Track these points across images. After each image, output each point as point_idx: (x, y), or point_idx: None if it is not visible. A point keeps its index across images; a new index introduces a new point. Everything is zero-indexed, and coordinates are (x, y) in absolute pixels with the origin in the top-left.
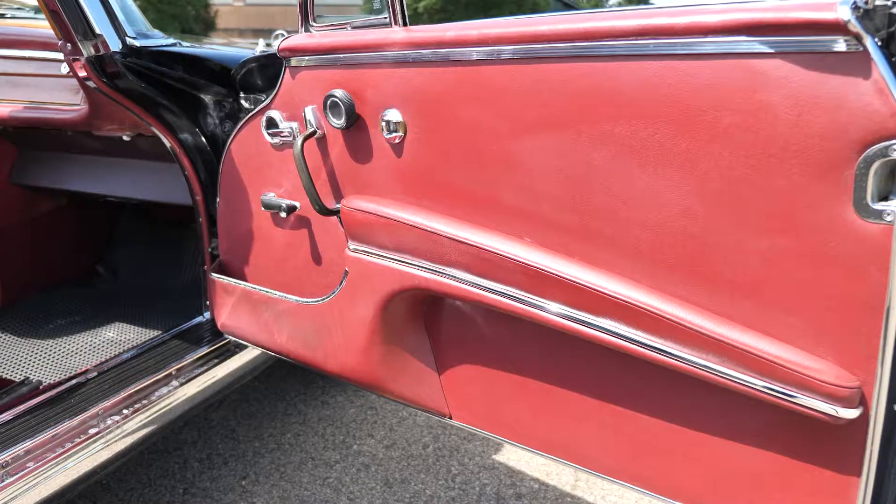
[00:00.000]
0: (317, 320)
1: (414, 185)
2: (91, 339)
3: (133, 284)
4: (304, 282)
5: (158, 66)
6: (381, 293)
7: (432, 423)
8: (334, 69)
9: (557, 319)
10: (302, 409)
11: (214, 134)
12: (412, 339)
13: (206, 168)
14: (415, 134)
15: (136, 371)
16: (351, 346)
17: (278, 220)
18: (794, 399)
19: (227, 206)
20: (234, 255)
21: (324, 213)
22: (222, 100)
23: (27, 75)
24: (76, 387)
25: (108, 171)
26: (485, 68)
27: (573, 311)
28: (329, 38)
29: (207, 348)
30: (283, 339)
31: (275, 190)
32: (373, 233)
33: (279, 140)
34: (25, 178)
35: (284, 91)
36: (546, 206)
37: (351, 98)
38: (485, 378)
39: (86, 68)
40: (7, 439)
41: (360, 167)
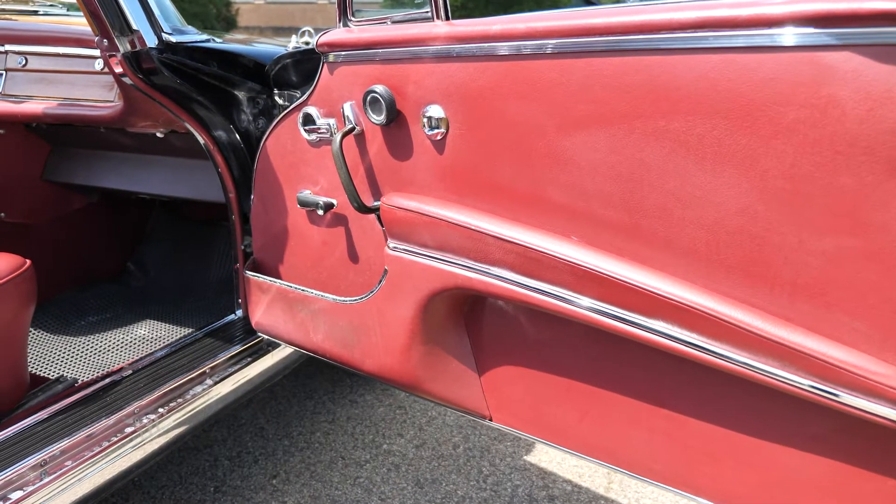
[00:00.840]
0: (355, 319)
1: (456, 183)
2: (123, 336)
3: (163, 281)
4: (340, 280)
5: (194, 62)
6: (422, 292)
7: (462, 423)
8: (374, 64)
9: (608, 321)
10: (331, 407)
11: (248, 130)
12: (452, 339)
13: (240, 165)
14: (457, 130)
15: (171, 369)
16: (390, 346)
17: (314, 217)
18: (858, 405)
19: (261, 203)
20: (269, 253)
21: (362, 210)
22: (256, 96)
23: (61, 72)
24: (111, 385)
25: (141, 169)
26: (533, 63)
27: (625, 313)
28: (369, 33)
29: (240, 346)
30: (318, 338)
31: (311, 187)
32: (414, 231)
33: (316, 137)
34: (58, 176)
35: (322, 87)
36: (595, 205)
37: (392, 94)
38: (527, 379)
39: (122, 64)
40: (44, 438)
41: (400, 164)
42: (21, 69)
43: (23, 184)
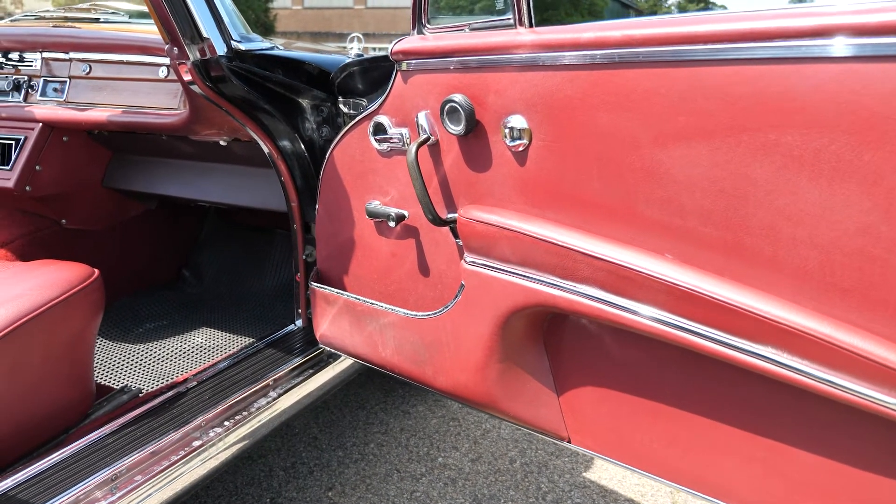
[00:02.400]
0: (427, 335)
1: (538, 196)
2: (180, 344)
3: (218, 288)
4: (410, 293)
5: (261, 71)
6: (502, 309)
7: (517, 437)
8: (452, 73)
9: (707, 344)
10: (383, 418)
11: (311, 139)
12: (530, 357)
13: (303, 174)
14: (541, 141)
15: (234, 381)
16: (465, 363)
17: (383, 228)
18: None
19: (326, 213)
20: (333, 264)
21: (437, 223)
22: (320, 104)
23: (124, 79)
24: (177, 397)
25: (201, 176)
26: (628, 72)
27: (727, 336)
28: (447, 41)
29: (301, 358)
30: (388, 352)
31: (380, 198)
32: (494, 245)
33: (387, 146)
34: (118, 182)
35: (395, 96)
36: (693, 221)
37: (471, 103)
38: (610, 401)
39: (191, 72)
40: (114, 451)
41: (477, 176)
42: (85, 76)
43: (84, 190)
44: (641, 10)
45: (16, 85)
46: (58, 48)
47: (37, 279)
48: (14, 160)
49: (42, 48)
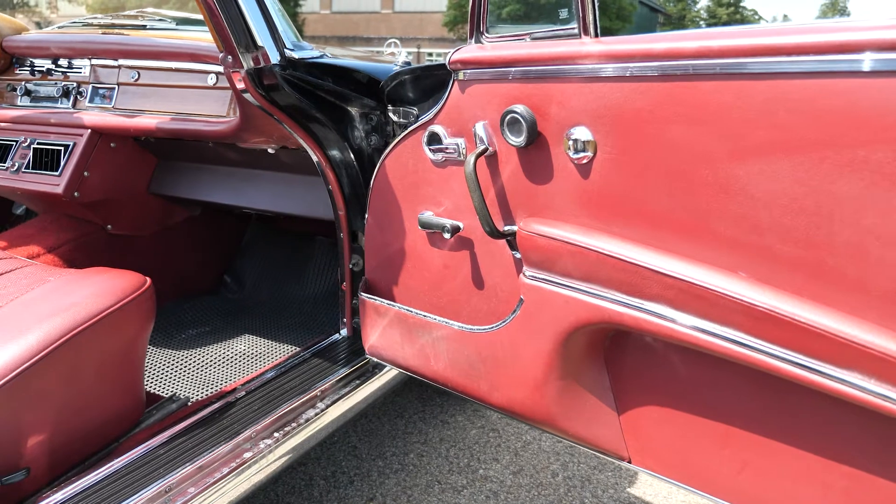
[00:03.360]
0: (483, 349)
1: (602, 210)
2: (224, 351)
3: (259, 294)
4: (462, 306)
5: (314, 79)
6: (563, 325)
7: (559, 450)
8: (512, 83)
9: (786, 367)
10: (422, 427)
11: (360, 147)
12: (590, 374)
13: (351, 183)
14: (607, 154)
15: (282, 391)
16: (523, 379)
17: (435, 239)
18: None
19: (376, 223)
20: (382, 275)
21: (494, 235)
22: (369, 112)
23: (173, 86)
24: (226, 407)
25: (247, 183)
26: (703, 84)
27: (809, 360)
28: (507, 51)
29: (348, 369)
30: (440, 366)
31: (433, 208)
32: (557, 260)
33: (441, 157)
34: (163, 189)
35: (451, 106)
36: (772, 239)
37: (533, 114)
38: (675, 422)
39: (245, 81)
40: (166, 462)
41: (537, 188)
42: (133, 83)
43: (130, 196)
44: (670, 13)
45: (65, 91)
46: (107, 55)
47: (91, 287)
48: (63, 166)
49: (91, 55)
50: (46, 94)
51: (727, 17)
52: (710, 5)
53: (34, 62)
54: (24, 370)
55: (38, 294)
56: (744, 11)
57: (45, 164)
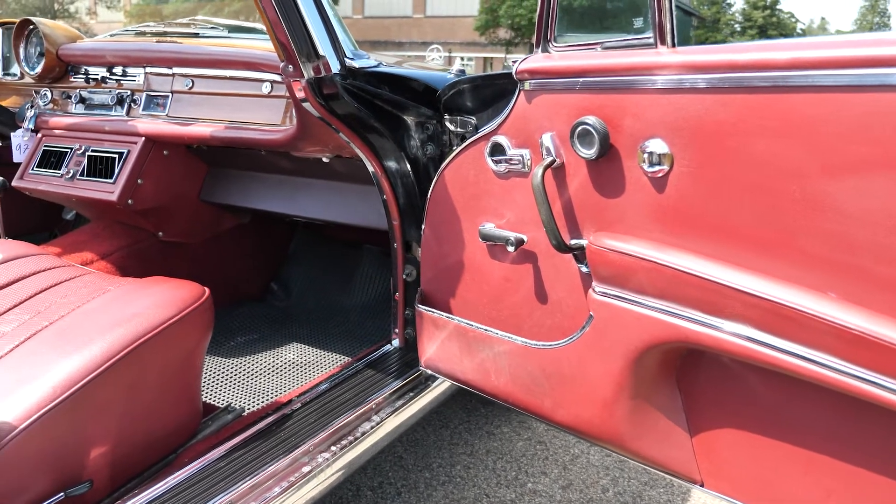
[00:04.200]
0: (548, 366)
1: (678, 225)
2: (273, 359)
3: (306, 302)
4: (524, 320)
5: (373, 88)
6: (636, 343)
7: (608, 464)
8: (583, 94)
9: (880, 393)
10: (468, 438)
11: (416, 157)
12: (662, 394)
13: (406, 192)
14: (684, 168)
15: (337, 404)
16: (591, 398)
17: (496, 252)
18: None
19: (434, 234)
20: (439, 286)
21: (562, 249)
22: (425, 121)
23: (227, 95)
24: (282, 419)
25: (299, 192)
26: (793, 97)
27: None
28: (577, 60)
29: (401, 381)
30: (501, 381)
31: (494, 220)
32: (630, 276)
33: (505, 167)
34: (214, 196)
35: (517, 116)
36: (866, 259)
37: (605, 126)
38: (753, 446)
39: (305, 90)
40: (227, 476)
41: (607, 202)
42: (187, 91)
43: (181, 204)
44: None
45: (119, 99)
46: (161, 63)
47: (152, 298)
48: (117, 174)
49: (146, 63)
50: (100, 101)
51: (763, 19)
52: (745, 8)
53: (88, 70)
54: (88, 382)
55: (99, 304)
56: (780, 14)
57: (100, 171)
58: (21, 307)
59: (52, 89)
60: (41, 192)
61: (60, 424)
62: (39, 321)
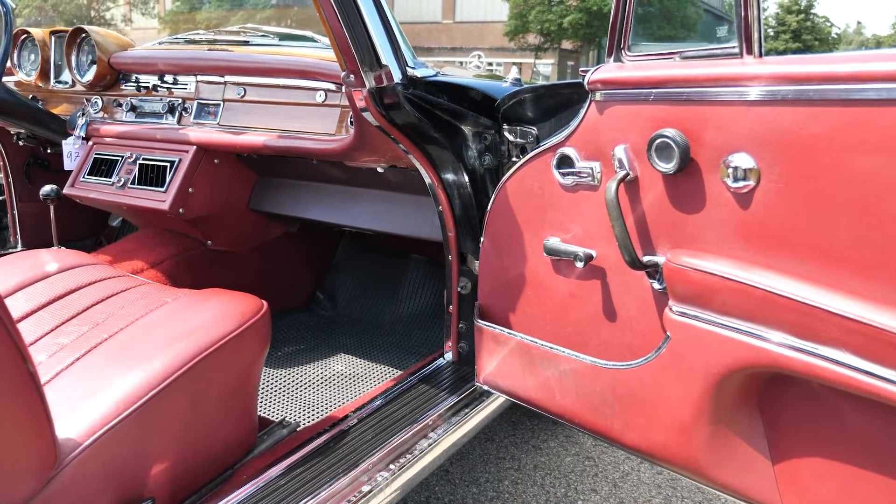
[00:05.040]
0: (619, 387)
1: (765, 244)
2: (321, 371)
3: (351, 312)
4: (590, 338)
5: (433, 98)
6: (718, 367)
7: (660, 482)
8: (661, 105)
9: None
10: (514, 452)
11: (473, 168)
12: (743, 419)
13: (462, 204)
14: (773, 183)
15: (394, 420)
16: (666, 422)
17: (562, 267)
18: None
19: (494, 247)
20: (498, 301)
21: (635, 266)
22: (483, 131)
23: (280, 103)
24: (339, 436)
25: (349, 201)
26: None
27: None
28: (654, 70)
29: (457, 397)
30: (567, 401)
31: (560, 234)
32: (713, 297)
33: (573, 180)
34: (263, 205)
35: (587, 128)
36: None
37: (686, 139)
38: (842, 476)
39: (367, 100)
40: (289, 494)
41: (685, 217)
42: (239, 100)
43: (231, 212)
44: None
45: (170, 107)
46: (213, 71)
47: (211, 311)
48: (169, 182)
49: (198, 72)
50: (151, 109)
51: (797, 24)
52: (778, 12)
53: (139, 78)
54: (151, 397)
55: (159, 317)
56: (815, 18)
57: (151, 179)
58: (79, 318)
59: (102, 97)
60: (92, 200)
61: (124, 441)
62: (99, 333)
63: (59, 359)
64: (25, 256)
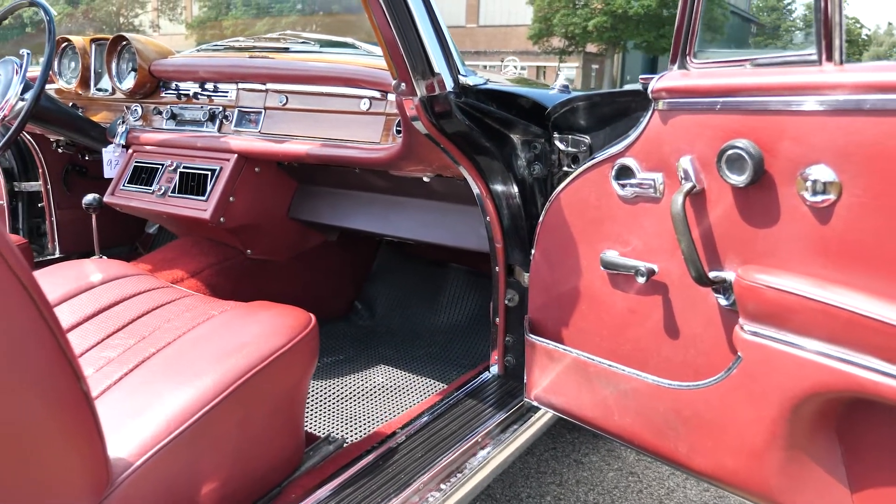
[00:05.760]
0: (685, 408)
1: (847, 261)
2: (362, 382)
3: (390, 322)
4: (650, 355)
5: (485, 106)
6: (796, 390)
7: (707, 499)
8: (731, 115)
9: None
10: (555, 467)
11: (522, 177)
12: (820, 445)
13: (511, 214)
14: (856, 197)
15: (443, 437)
16: (737, 446)
17: (619, 281)
18: None
19: (546, 260)
20: (550, 315)
21: (703, 282)
22: (532, 140)
23: (323, 111)
24: (388, 454)
25: (391, 210)
26: None
27: None
28: (726, 79)
29: (505, 413)
30: (626, 422)
31: (618, 247)
32: (791, 317)
33: (633, 192)
34: (303, 214)
35: (649, 138)
36: None
37: (760, 151)
38: None
39: (418, 109)
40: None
41: (756, 232)
42: (281, 108)
43: (270, 221)
44: (763, 23)
45: (210, 115)
46: (255, 79)
47: (260, 325)
48: (210, 191)
49: (239, 79)
50: (192, 117)
51: None
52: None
53: (179, 86)
54: (202, 415)
55: (206, 331)
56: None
57: (192, 188)
58: (125, 331)
59: (142, 105)
60: (132, 209)
61: (175, 460)
62: (146, 347)
63: (107, 373)
64: (69, 267)
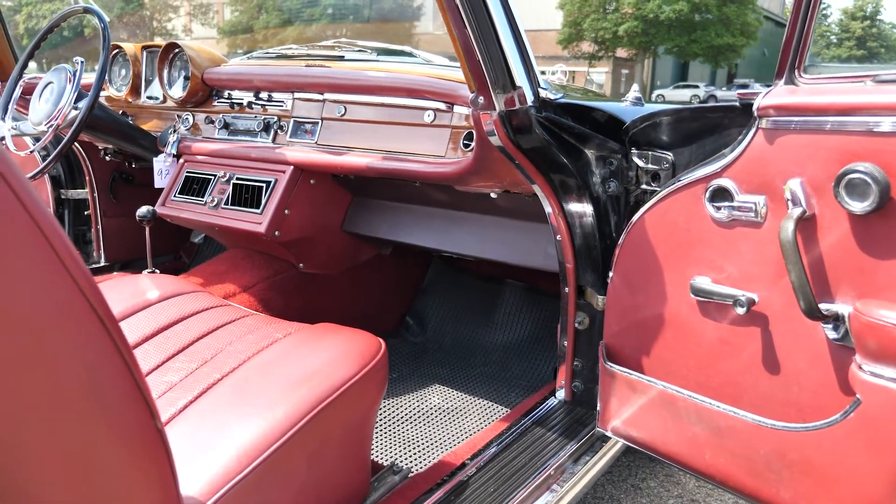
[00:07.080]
0: (790, 451)
1: None
2: (416, 404)
3: (441, 339)
4: (744, 391)
5: (564, 121)
6: None
7: None
8: (850, 136)
9: None
10: (612, 492)
11: (597, 195)
12: None
13: (584, 233)
14: None
15: (514, 470)
16: (852, 496)
17: (710, 310)
18: None
19: (626, 283)
20: (628, 342)
21: (813, 316)
22: (608, 156)
23: (383, 123)
24: (459, 488)
25: (452, 226)
26: None
27: None
28: (844, 96)
29: (576, 443)
30: (720, 461)
31: (711, 274)
32: None
33: (729, 215)
34: (358, 227)
35: (751, 158)
36: None
37: (886, 175)
38: None
39: (496, 123)
40: None
41: (878, 263)
42: (339, 118)
43: (324, 234)
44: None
45: (265, 125)
46: (312, 88)
47: (328, 351)
48: (265, 204)
49: (296, 89)
50: (245, 127)
51: (861, 31)
52: (842, 19)
53: (232, 94)
54: (273, 451)
55: (272, 356)
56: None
57: (245, 200)
58: (185, 353)
59: (193, 114)
60: (184, 220)
61: (246, 498)
62: (210, 372)
63: (171, 400)
64: (124, 283)
